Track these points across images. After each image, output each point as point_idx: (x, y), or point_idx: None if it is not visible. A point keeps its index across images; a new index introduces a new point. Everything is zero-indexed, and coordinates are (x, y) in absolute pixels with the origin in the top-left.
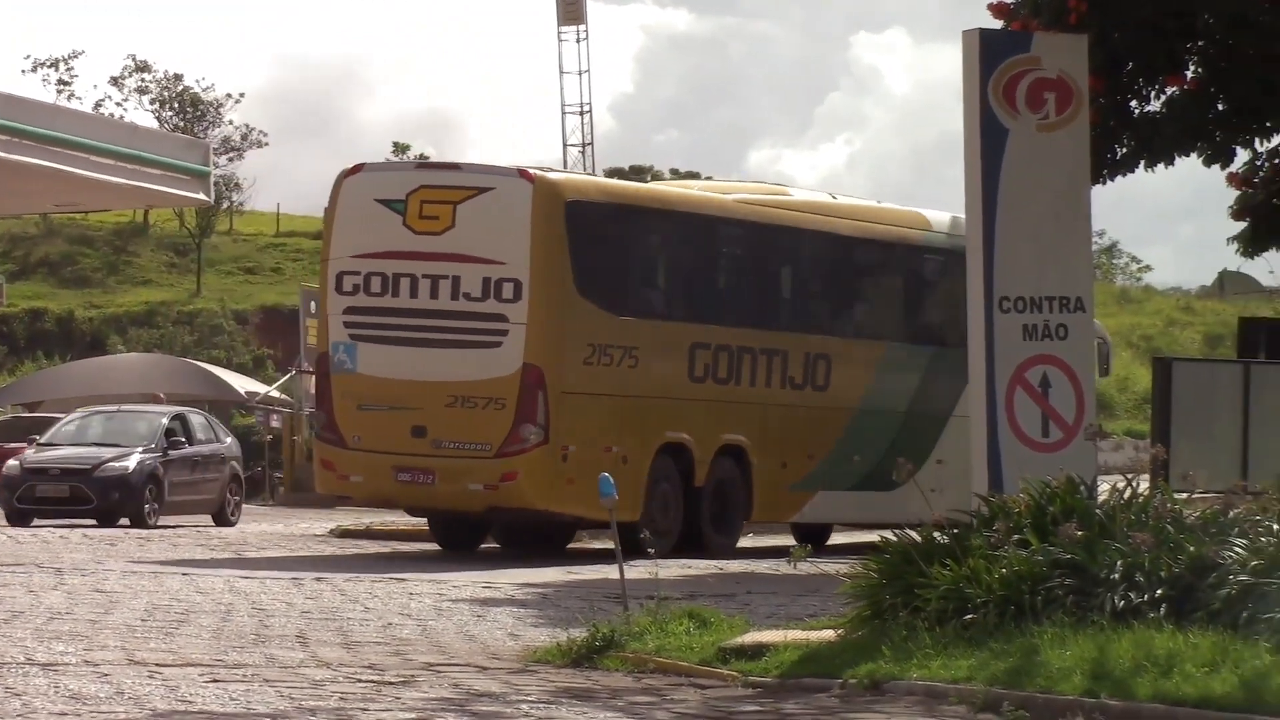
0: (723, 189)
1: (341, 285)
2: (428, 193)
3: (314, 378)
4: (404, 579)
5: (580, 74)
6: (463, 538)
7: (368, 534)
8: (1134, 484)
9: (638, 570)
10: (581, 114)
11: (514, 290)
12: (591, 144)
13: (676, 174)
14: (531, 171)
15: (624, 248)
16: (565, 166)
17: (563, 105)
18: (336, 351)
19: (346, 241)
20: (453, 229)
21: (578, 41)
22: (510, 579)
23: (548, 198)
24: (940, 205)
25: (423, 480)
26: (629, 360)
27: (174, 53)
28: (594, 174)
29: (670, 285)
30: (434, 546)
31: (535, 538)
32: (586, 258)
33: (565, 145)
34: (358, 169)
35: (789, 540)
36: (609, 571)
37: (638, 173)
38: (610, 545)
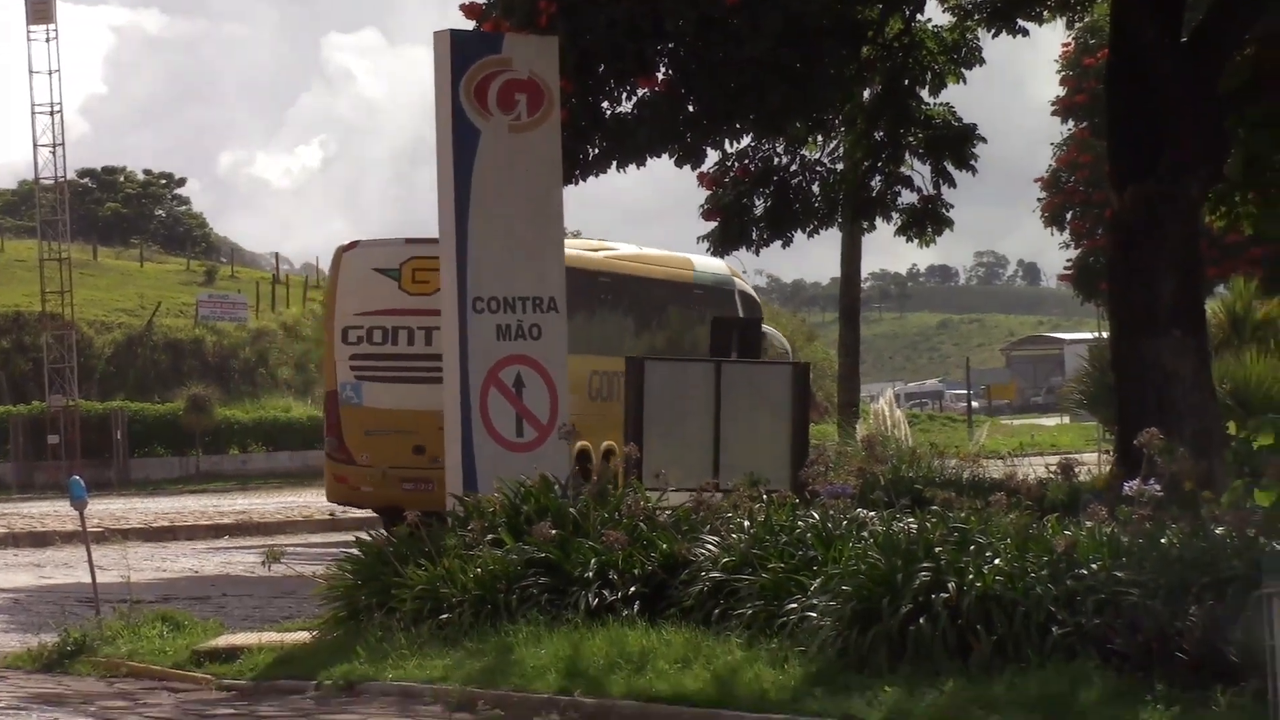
0: (590, 247)
1: (346, 337)
2: (418, 262)
3: (325, 411)
4: None
5: (50, 74)
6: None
7: None
8: (611, 483)
9: (111, 575)
10: (52, 114)
11: None
12: (63, 145)
13: (150, 174)
14: None
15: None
16: (36, 168)
17: (32, 105)
18: (344, 390)
19: (349, 303)
20: (440, 290)
21: (47, 41)
22: None
23: None
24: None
25: (424, 488)
26: None
27: None
28: (64, 176)
29: (582, 326)
30: None
31: None
32: None
33: (36, 146)
34: (354, 245)
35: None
36: (82, 576)
37: (109, 173)
38: None
